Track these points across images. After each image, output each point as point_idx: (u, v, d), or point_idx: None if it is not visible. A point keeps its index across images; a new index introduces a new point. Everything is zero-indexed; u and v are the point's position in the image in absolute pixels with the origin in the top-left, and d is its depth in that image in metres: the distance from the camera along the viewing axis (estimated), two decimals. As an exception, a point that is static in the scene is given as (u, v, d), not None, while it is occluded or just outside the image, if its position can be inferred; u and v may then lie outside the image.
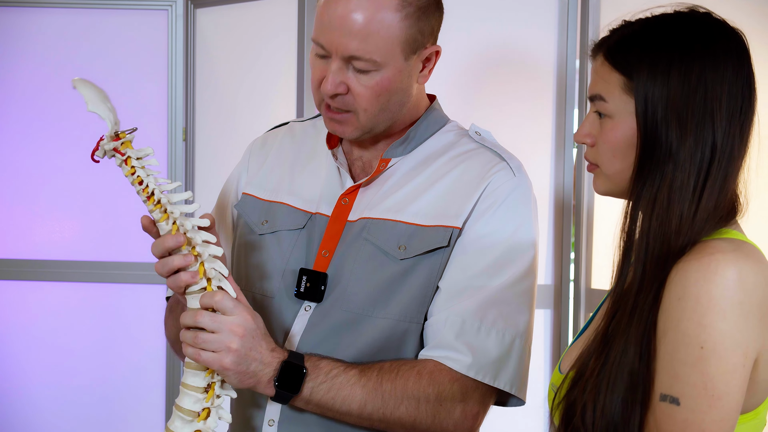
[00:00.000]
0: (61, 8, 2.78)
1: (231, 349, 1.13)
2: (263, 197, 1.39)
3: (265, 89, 2.67)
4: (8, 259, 2.82)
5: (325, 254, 1.29)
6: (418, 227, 1.27)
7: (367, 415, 1.20)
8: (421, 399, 1.20)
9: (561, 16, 2.40)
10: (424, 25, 1.25)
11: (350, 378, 1.20)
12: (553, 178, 2.41)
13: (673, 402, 0.95)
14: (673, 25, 1.02)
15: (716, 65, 0.99)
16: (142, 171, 1.16)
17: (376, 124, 1.28)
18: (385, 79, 1.24)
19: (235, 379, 1.15)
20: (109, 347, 2.82)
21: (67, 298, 2.82)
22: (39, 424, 2.84)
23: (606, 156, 1.05)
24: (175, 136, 2.77)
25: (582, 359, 1.05)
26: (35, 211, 2.83)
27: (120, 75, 2.79)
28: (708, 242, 0.97)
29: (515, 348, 1.24)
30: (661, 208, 0.99)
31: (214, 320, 1.14)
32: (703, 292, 0.93)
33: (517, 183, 1.29)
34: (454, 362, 1.21)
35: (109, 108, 1.16)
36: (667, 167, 0.99)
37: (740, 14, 2.11)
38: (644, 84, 1.00)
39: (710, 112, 0.98)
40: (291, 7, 2.57)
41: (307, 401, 1.19)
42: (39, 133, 2.82)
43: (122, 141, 1.17)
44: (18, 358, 2.85)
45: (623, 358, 0.98)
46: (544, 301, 2.44)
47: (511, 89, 2.44)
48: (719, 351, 0.92)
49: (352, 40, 1.20)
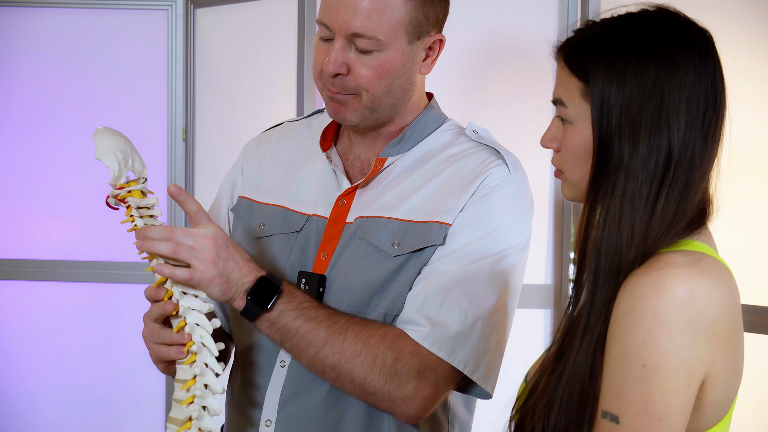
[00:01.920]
0: (61, 8, 2.78)
1: (209, 260, 1.14)
2: (259, 200, 1.39)
3: (265, 89, 2.67)
4: (8, 259, 2.82)
5: (324, 257, 1.29)
6: (411, 223, 1.26)
7: (323, 356, 1.19)
8: (378, 359, 1.18)
9: (561, 13, 2.40)
10: (429, 10, 1.26)
11: (319, 314, 1.20)
12: (553, 178, 2.41)
13: (613, 420, 0.91)
14: (632, 27, 0.96)
15: (675, 68, 0.93)
16: (140, 221, 1.20)
17: (378, 107, 1.28)
18: (387, 59, 1.24)
19: (219, 291, 1.16)
20: (109, 347, 2.82)
21: (67, 298, 2.82)
22: (39, 424, 2.84)
23: (569, 162, 1.01)
24: (175, 136, 2.77)
25: (538, 374, 1.03)
26: (35, 211, 2.82)
27: (120, 75, 2.79)
28: (662, 255, 0.93)
29: (476, 329, 1.21)
30: (613, 220, 0.94)
31: (186, 234, 1.15)
32: (648, 307, 0.88)
33: (511, 179, 1.28)
34: (411, 332, 1.20)
35: (117, 159, 1.20)
36: (619, 177, 0.94)
37: (740, 13, 2.11)
38: (600, 90, 0.95)
39: (665, 118, 0.93)
40: (291, 7, 2.57)
41: (272, 323, 1.19)
42: (39, 132, 2.82)
43: (126, 190, 1.21)
44: (18, 358, 2.84)
45: (574, 375, 0.95)
46: (544, 301, 2.44)
47: (510, 87, 2.44)
48: (662, 370, 0.88)
49: (357, 17, 1.21)
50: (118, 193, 1.21)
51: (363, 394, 1.20)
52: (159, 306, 1.18)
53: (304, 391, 1.26)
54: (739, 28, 2.06)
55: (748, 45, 2.05)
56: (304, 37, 2.52)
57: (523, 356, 2.54)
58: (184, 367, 1.16)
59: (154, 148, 2.79)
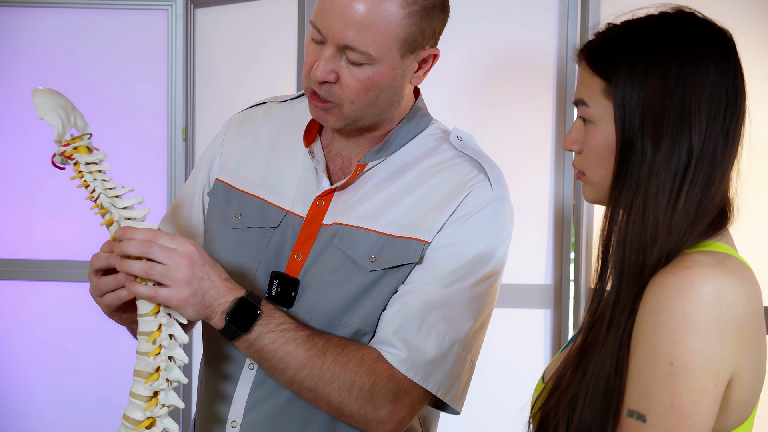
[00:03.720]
0: (61, 8, 2.78)
1: (182, 281, 1.11)
2: (237, 186, 1.35)
3: (265, 89, 2.67)
4: (8, 259, 2.82)
5: (298, 257, 1.26)
6: (389, 237, 1.24)
7: (300, 379, 1.18)
8: (356, 384, 1.18)
9: (561, 16, 2.40)
10: (426, 25, 1.21)
11: (298, 337, 1.18)
12: (553, 177, 2.41)
13: (639, 418, 0.92)
14: (653, 27, 0.99)
15: (696, 66, 0.95)
16: (89, 176, 1.17)
17: (361, 117, 1.25)
18: (377, 74, 1.20)
19: (193, 312, 1.13)
20: (109, 347, 2.82)
21: (67, 298, 2.82)
22: (39, 424, 2.84)
23: (590, 163, 1.03)
24: (175, 136, 2.77)
25: (560, 370, 1.03)
26: (35, 211, 2.82)
27: (120, 75, 2.79)
28: (688, 255, 0.94)
29: (452, 353, 1.21)
30: (637, 215, 0.96)
31: (164, 251, 1.11)
32: (676, 306, 0.89)
33: (493, 197, 1.26)
34: (388, 355, 1.20)
35: (59, 115, 1.16)
36: (643, 173, 0.96)
37: (742, 14, 2.12)
38: (622, 88, 0.97)
39: (688, 115, 0.95)
40: (291, 7, 2.57)
41: (250, 344, 1.17)
42: (38, 132, 2.82)
43: (73, 146, 1.17)
44: (18, 358, 2.84)
45: (599, 371, 0.96)
46: (544, 301, 2.44)
47: (510, 90, 2.44)
48: (689, 369, 0.89)
49: (350, 30, 1.16)
50: (64, 150, 1.17)
51: (338, 415, 1.20)
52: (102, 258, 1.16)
53: (271, 395, 1.25)
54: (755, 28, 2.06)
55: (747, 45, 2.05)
56: (304, 37, 2.52)
57: (524, 356, 2.55)
58: (149, 319, 1.13)
59: (154, 148, 2.79)
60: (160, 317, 1.13)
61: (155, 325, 1.13)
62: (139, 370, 1.14)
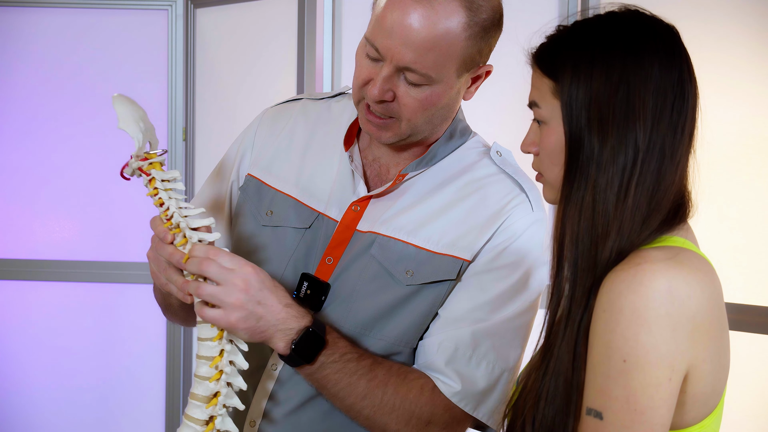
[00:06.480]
0: (61, 8, 2.79)
1: (235, 305, 1.08)
2: (270, 183, 1.33)
3: (265, 89, 2.67)
4: (8, 259, 2.82)
5: (329, 261, 1.25)
6: (428, 253, 1.23)
7: (359, 408, 1.18)
8: (414, 415, 1.19)
9: (561, 14, 2.40)
10: (484, 45, 1.20)
11: (360, 368, 1.17)
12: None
13: (597, 416, 0.92)
14: (599, 26, 0.99)
15: (640, 62, 0.95)
16: (165, 194, 1.15)
17: (416, 133, 1.24)
18: (435, 94, 1.19)
19: (246, 335, 1.11)
20: (109, 347, 2.83)
21: (67, 298, 2.82)
22: (39, 424, 2.85)
23: (545, 163, 1.03)
24: (175, 136, 2.77)
25: (527, 369, 1.04)
26: (35, 211, 2.83)
27: (120, 75, 2.79)
28: (641, 251, 0.94)
29: (501, 381, 1.22)
30: (587, 211, 0.96)
31: (221, 271, 1.09)
32: (626, 303, 0.89)
33: (533, 219, 1.26)
34: (443, 385, 1.20)
35: (140, 128, 1.15)
36: (591, 169, 0.96)
37: (741, 13, 2.12)
38: (568, 86, 0.97)
39: (633, 110, 0.95)
40: (291, 7, 2.57)
41: (311, 373, 1.16)
42: (38, 132, 2.82)
43: (149, 162, 1.16)
44: (18, 358, 2.85)
45: (559, 366, 0.96)
46: (543, 300, 2.44)
47: (509, 87, 2.44)
48: (642, 364, 0.89)
49: (411, 52, 1.14)
50: (142, 165, 1.15)
51: None
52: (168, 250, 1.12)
53: (291, 397, 1.25)
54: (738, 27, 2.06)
55: (747, 44, 2.05)
56: (303, 37, 2.52)
57: (524, 356, 2.55)
58: (211, 344, 1.12)
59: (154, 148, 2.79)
60: (223, 343, 1.12)
61: (217, 350, 1.12)
62: (195, 393, 1.13)
